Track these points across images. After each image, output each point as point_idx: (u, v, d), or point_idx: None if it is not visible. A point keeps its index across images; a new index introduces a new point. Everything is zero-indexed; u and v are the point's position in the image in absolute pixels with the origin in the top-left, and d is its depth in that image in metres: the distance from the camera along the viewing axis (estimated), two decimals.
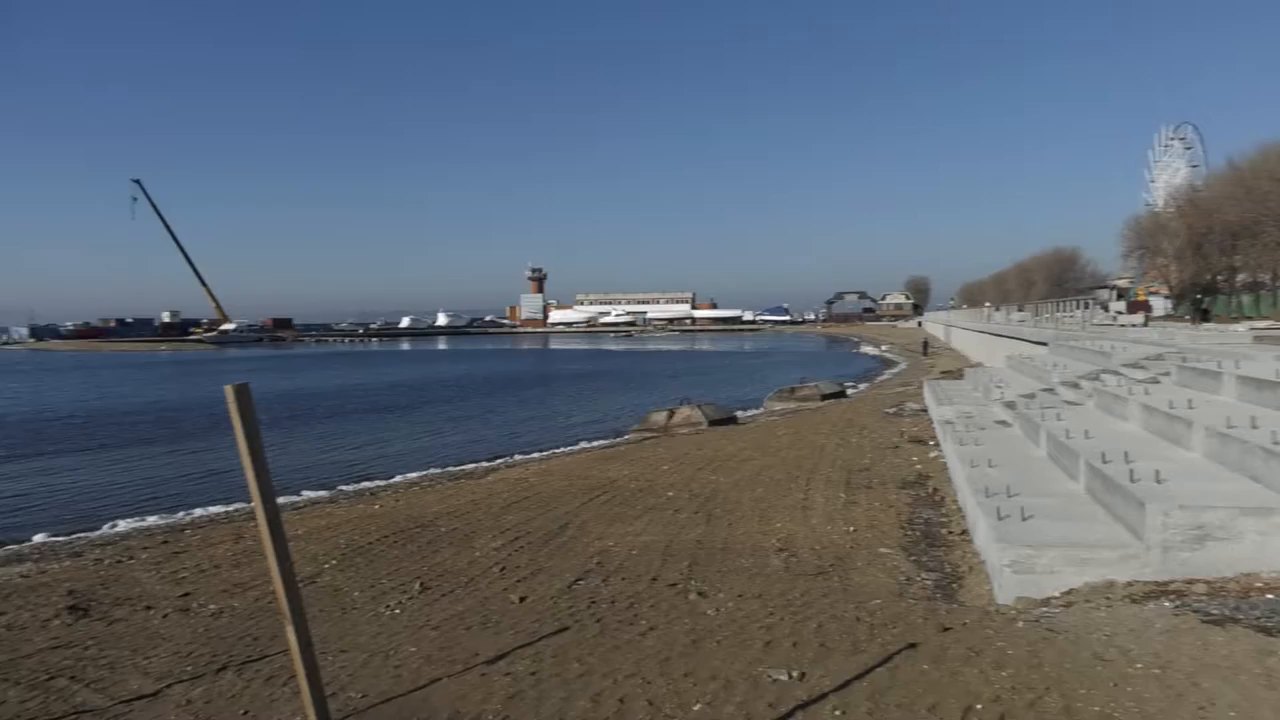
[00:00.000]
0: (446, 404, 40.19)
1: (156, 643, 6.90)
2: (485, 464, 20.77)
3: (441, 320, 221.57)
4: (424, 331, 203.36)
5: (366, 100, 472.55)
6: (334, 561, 9.67)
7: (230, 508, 15.60)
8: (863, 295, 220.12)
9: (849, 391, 36.21)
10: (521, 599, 7.59)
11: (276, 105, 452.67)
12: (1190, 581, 6.18)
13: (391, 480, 18.79)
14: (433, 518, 12.22)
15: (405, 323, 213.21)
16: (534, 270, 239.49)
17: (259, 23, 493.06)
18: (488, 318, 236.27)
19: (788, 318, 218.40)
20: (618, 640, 6.11)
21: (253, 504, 3.50)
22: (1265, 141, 51.61)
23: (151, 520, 15.09)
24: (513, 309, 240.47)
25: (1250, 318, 44.66)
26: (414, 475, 19.29)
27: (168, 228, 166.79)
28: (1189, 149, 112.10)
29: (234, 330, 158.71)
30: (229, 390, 3.34)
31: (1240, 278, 58.19)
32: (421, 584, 8.38)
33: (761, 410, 31.29)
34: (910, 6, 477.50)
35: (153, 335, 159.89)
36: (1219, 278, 59.67)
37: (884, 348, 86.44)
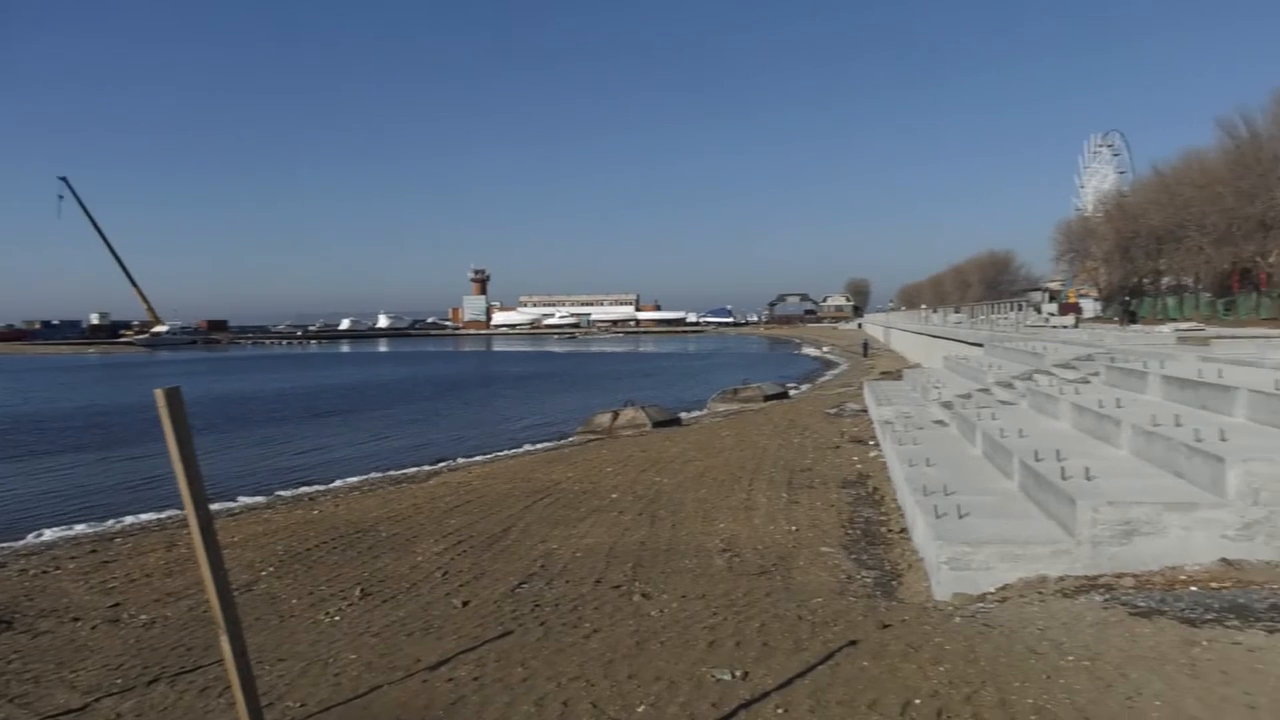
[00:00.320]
0: (388, 407, 39.67)
1: (84, 655, 6.69)
2: (428, 468, 20.56)
3: (383, 322, 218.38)
4: (364, 334, 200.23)
5: (302, 99, 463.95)
6: (271, 568, 9.49)
7: (163, 515, 15.24)
8: (804, 297, 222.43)
9: (791, 392, 36.61)
10: (464, 603, 7.53)
11: (207, 104, 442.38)
12: (1119, 575, 6.37)
13: (331, 485, 18.50)
14: (373, 523, 12.06)
15: (345, 325, 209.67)
16: (477, 272, 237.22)
17: (183, 19, 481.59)
18: (430, 320, 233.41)
19: (731, 319, 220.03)
20: (562, 643, 6.09)
21: (185, 511, 3.41)
22: (1188, 149, 53.62)
23: (79, 529, 14.65)
24: (455, 311, 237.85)
25: (1174, 319, 46.21)
26: (354, 480, 19.04)
27: (96, 227, 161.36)
28: (1116, 156, 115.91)
29: (166, 332, 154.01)
30: (159, 394, 3.25)
31: (1165, 280, 60.27)
32: (362, 590, 8.25)
33: (705, 411, 31.48)
34: (847, 15, 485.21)
35: (80, 338, 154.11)
36: (1145, 280, 61.71)
37: (825, 349, 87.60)
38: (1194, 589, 5.94)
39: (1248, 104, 45.20)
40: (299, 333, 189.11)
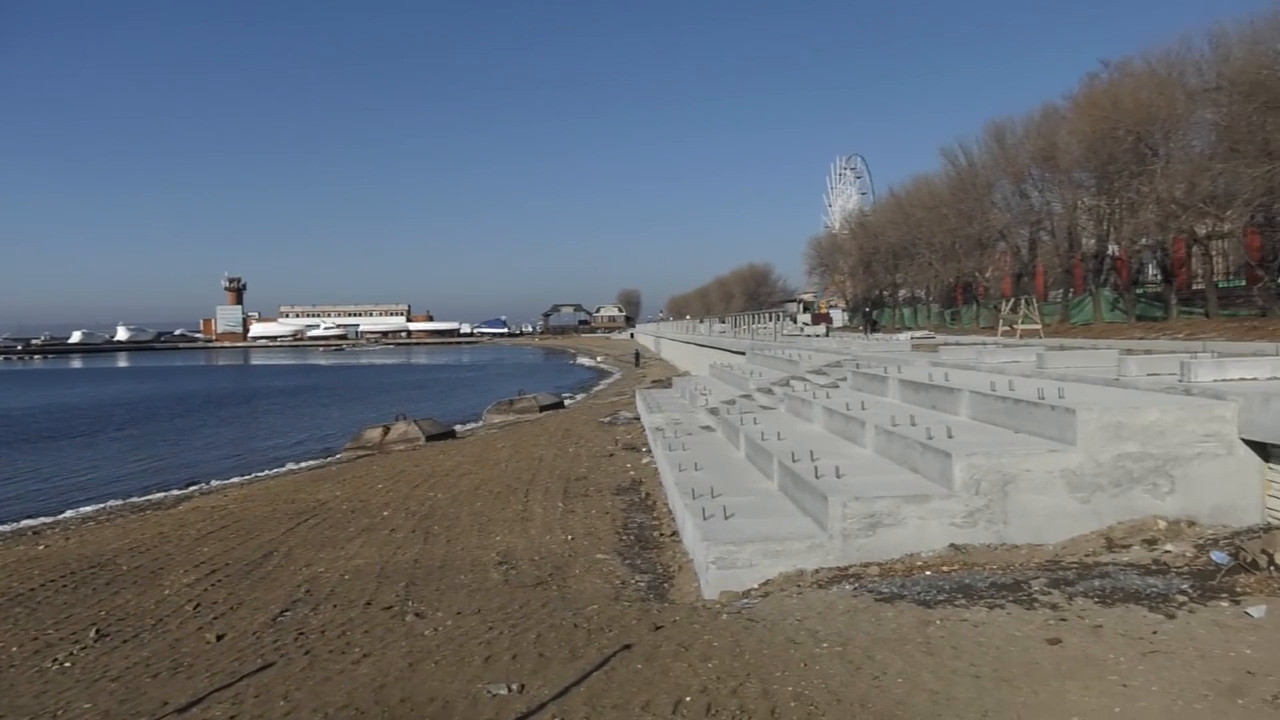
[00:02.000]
0: (131, 427, 36.19)
1: None
2: (177, 492, 18.97)
3: (122, 335, 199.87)
4: (100, 347, 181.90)
5: (17, 83, 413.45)
6: None
7: None
8: (578, 308, 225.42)
9: (566, 402, 36.98)
10: (219, 637, 7.01)
11: None
12: (866, 565, 6.93)
13: (61, 516, 16.72)
14: (112, 555, 10.99)
15: (76, 338, 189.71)
16: (231, 280, 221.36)
17: None
18: (178, 332, 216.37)
19: (506, 330, 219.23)
20: (329, 671, 5.81)
21: None
22: (918, 174, 59.47)
23: None
24: (207, 322, 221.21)
25: (910, 328, 51.07)
26: (89, 509, 17.31)
27: None
28: (859, 178, 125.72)
29: None
30: None
31: (902, 293, 66.47)
32: (98, 631, 7.50)
33: (481, 423, 31.13)
34: (623, 35, 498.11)
35: None
36: (885, 292, 67.75)
37: (599, 359, 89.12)
38: (929, 573, 6.57)
39: (966, 136, 50.72)
40: (19, 347, 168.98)
